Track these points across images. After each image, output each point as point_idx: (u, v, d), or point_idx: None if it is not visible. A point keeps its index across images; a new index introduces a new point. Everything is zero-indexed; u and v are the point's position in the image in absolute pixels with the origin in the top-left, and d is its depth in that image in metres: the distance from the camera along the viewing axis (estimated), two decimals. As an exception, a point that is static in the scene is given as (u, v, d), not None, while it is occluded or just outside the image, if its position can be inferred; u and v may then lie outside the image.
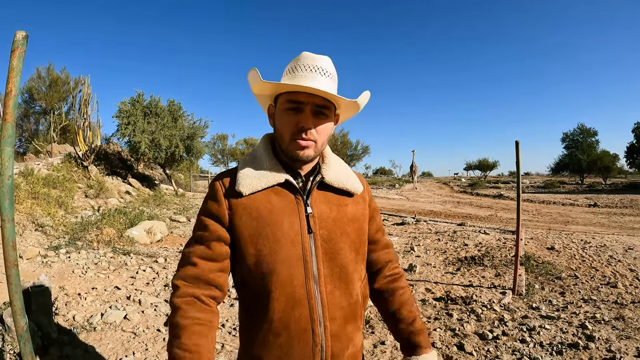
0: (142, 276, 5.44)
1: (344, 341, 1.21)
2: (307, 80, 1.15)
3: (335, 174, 1.28)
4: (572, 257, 6.50)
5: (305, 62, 1.18)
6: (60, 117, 18.21)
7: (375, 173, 65.16)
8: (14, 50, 1.39)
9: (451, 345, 3.50)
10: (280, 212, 1.17)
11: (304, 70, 1.17)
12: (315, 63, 1.18)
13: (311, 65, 1.18)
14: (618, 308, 4.32)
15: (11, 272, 1.47)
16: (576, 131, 39.92)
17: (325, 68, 1.19)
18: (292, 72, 1.19)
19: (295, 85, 1.12)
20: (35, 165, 11.10)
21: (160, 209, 11.66)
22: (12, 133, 1.44)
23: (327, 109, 1.20)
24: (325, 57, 1.22)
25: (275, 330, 1.15)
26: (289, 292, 1.14)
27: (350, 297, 1.24)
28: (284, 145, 1.21)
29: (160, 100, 15.22)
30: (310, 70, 1.17)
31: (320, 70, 1.18)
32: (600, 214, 13.85)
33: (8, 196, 1.44)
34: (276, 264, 1.14)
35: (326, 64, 1.20)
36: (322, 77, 1.17)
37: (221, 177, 1.25)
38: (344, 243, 1.23)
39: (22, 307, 1.53)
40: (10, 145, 1.43)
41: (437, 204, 18.64)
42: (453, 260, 6.48)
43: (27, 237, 6.48)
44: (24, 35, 1.41)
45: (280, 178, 1.19)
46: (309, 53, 1.21)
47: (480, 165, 53.31)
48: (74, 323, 3.85)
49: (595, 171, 34.54)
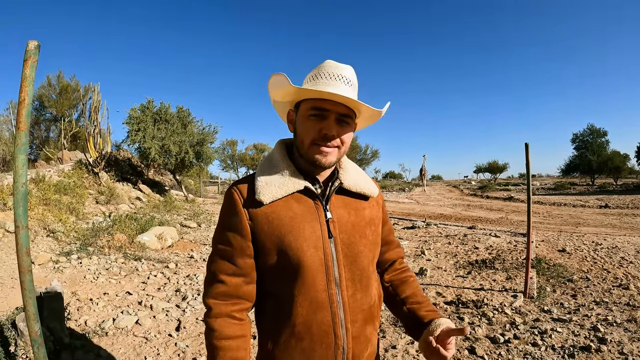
0: (153, 281, 5.47)
1: (363, 342, 1.23)
2: (333, 88, 1.15)
3: (352, 178, 1.30)
4: (583, 259, 6.44)
5: (329, 71, 1.18)
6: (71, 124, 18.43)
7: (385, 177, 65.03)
8: (26, 59, 1.41)
9: (462, 349, 3.48)
10: (301, 219, 1.18)
11: (328, 78, 1.17)
12: (339, 72, 1.18)
13: (335, 73, 1.18)
14: (630, 310, 4.27)
15: (25, 277, 1.49)
16: (586, 132, 39.64)
17: (348, 77, 1.19)
18: (316, 79, 1.19)
19: (329, 93, 1.11)
20: (46, 172, 11.20)
21: (171, 214, 11.71)
22: (26, 141, 1.46)
23: (350, 117, 1.20)
24: (348, 66, 1.22)
25: (298, 335, 1.16)
26: (312, 296, 1.15)
27: (370, 299, 1.26)
28: (304, 151, 1.21)
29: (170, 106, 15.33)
30: (334, 78, 1.17)
31: (344, 79, 1.18)
32: (611, 215, 13.69)
33: (22, 203, 1.46)
34: (300, 270, 1.15)
35: (349, 73, 1.20)
36: (346, 85, 1.18)
37: (238, 186, 1.22)
38: (363, 246, 1.25)
39: (35, 312, 1.55)
40: (24, 152, 1.45)
41: (447, 207, 18.55)
42: (464, 263, 6.44)
43: (38, 243, 6.54)
44: (36, 45, 1.43)
45: (299, 185, 1.20)
46: (332, 62, 1.21)
47: (490, 167, 53.09)
48: (85, 328, 3.88)
49: (606, 172, 34.22)
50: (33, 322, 1.56)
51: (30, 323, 1.56)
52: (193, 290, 5.11)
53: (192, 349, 3.58)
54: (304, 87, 1.19)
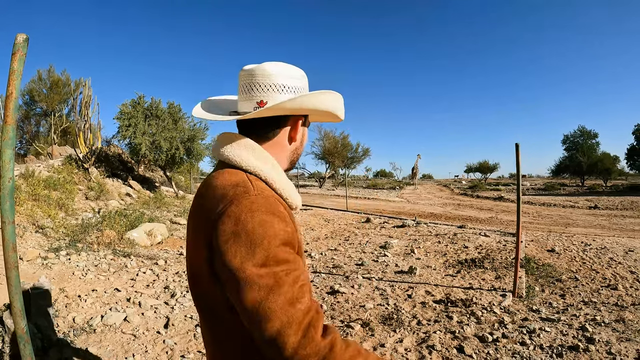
0: (142, 278, 5.43)
1: None
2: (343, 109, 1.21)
3: None
4: (572, 260, 6.50)
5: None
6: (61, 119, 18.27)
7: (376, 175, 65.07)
8: (14, 52, 1.40)
9: (451, 348, 3.50)
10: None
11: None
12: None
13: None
14: (618, 310, 4.31)
15: (11, 274, 1.47)
16: (577, 133, 39.93)
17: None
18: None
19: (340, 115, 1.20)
20: (36, 167, 11.09)
21: (161, 211, 11.64)
22: (13, 135, 1.44)
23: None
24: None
25: None
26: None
27: None
28: (297, 158, 1.21)
29: (161, 102, 15.22)
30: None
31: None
32: (600, 216, 13.84)
33: (9, 198, 1.44)
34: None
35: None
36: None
37: (264, 190, 0.98)
38: None
39: (22, 308, 1.54)
40: (11, 147, 1.43)
41: (437, 206, 18.64)
42: (453, 262, 6.48)
43: (27, 239, 6.48)
44: (25, 38, 1.42)
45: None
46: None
47: (480, 167, 53.33)
48: (74, 325, 3.85)
49: (596, 173, 34.49)
50: (19, 318, 1.54)
51: (17, 320, 1.54)
52: (182, 287, 5.09)
53: (180, 346, 3.57)
54: (317, 96, 1.10)
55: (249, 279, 0.83)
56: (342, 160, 36.14)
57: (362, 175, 56.77)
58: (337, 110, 1.17)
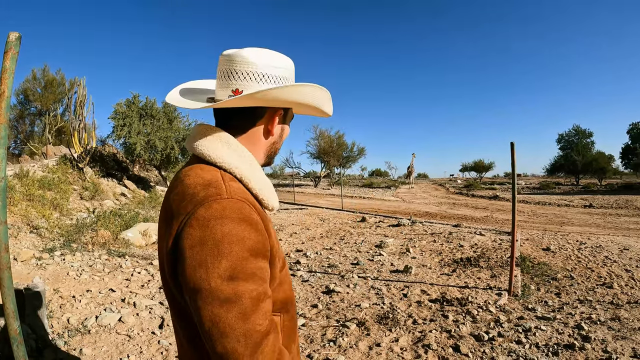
0: (137, 278, 5.41)
1: None
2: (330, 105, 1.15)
3: None
4: (567, 258, 6.52)
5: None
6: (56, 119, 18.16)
7: (371, 174, 65.14)
8: (7, 51, 1.38)
9: (447, 347, 3.50)
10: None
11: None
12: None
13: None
14: (614, 308, 4.33)
15: (3, 274, 1.46)
16: (571, 132, 40.16)
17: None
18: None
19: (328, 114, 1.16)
20: (30, 166, 11.02)
21: (156, 210, 11.60)
22: (5, 135, 1.42)
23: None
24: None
25: (298, 349, 1.14)
26: (293, 314, 1.13)
27: None
28: (275, 152, 1.15)
29: (156, 102, 15.20)
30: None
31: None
32: (595, 215, 13.90)
33: (1, 199, 1.42)
34: (291, 295, 1.12)
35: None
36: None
37: (238, 192, 0.92)
38: None
39: (14, 309, 1.52)
40: (3, 147, 1.42)
41: (432, 205, 18.68)
42: (449, 261, 6.49)
43: (21, 239, 6.44)
44: (17, 37, 1.40)
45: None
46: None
47: (475, 166, 53.45)
48: (68, 326, 3.83)
49: (591, 172, 34.64)
50: (12, 319, 1.53)
51: (10, 321, 1.53)
52: (178, 287, 5.07)
53: (175, 346, 3.55)
54: (300, 87, 1.03)
55: (211, 291, 0.79)
56: (338, 159, 36.10)
57: (357, 175, 56.74)
58: (321, 104, 1.10)
